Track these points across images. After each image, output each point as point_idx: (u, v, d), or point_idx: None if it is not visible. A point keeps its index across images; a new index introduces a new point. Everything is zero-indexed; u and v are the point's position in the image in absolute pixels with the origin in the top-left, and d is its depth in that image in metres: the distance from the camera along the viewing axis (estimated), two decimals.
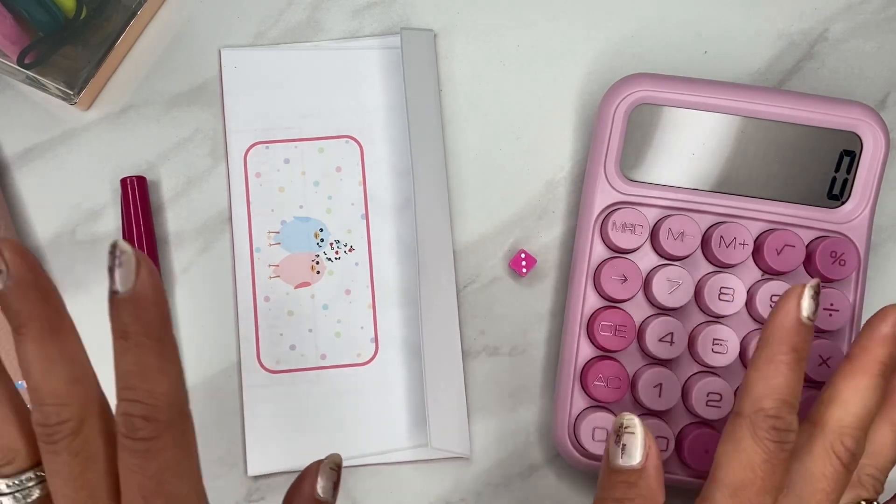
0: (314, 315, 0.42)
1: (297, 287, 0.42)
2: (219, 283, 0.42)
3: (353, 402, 0.41)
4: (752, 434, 0.28)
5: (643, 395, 0.38)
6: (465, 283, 0.42)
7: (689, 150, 0.39)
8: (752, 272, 0.39)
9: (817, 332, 0.39)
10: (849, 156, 0.39)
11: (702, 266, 0.39)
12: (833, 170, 0.39)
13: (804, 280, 0.39)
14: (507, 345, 0.42)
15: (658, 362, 0.39)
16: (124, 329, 0.24)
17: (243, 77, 0.43)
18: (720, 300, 0.38)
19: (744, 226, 0.39)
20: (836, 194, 0.39)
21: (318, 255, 0.42)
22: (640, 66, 0.43)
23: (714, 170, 0.39)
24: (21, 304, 0.24)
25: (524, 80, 0.43)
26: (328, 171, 0.43)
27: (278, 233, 0.42)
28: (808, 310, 0.29)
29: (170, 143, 0.43)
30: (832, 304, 0.38)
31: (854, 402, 0.29)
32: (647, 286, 0.39)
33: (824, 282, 0.39)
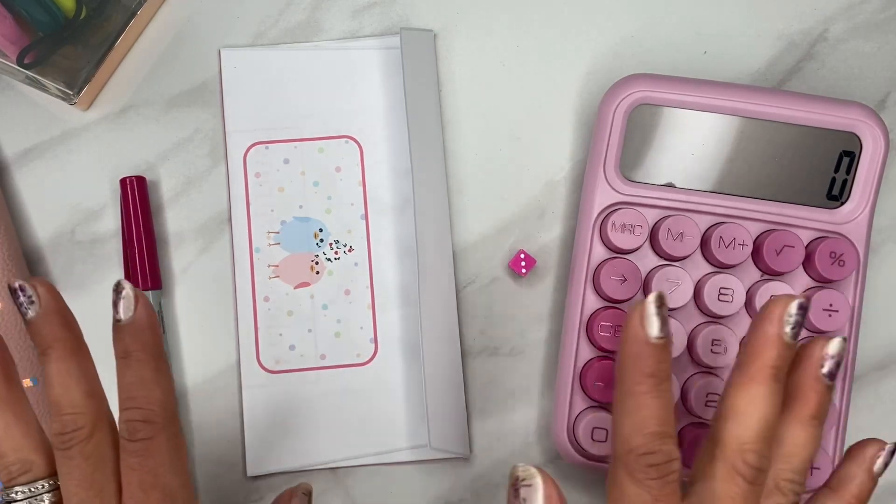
0: (314, 315, 0.42)
1: (296, 287, 0.42)
2: (218, 283, 0.42)
3: (352, 402, 0.41)
4: (631, 478, 0.27)
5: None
6: (465, 284, 0.42)
7: (689, 150, 0.39)
8: (752, 273, 0.39)
9: (816, 333, 0.39)
10: (848, 156, 0.39)
11: (701, 266, 0.39)
12: (832, 170, 0.39)
13: (804, 280, 0.39)
14: (506, 345, 0.42)
15: None
16: (126, 349, 0.29)
17: (243, 77, 0.43)
18: (719, 301, 0.38)
19: (743, 226, 0.39)
20: (836, 195, 0.39)
21: (317, 256, 0.42)
22: (640, 66, 0.43)
23: (713, 170, 0.39)
24: (48, 330, 0.29)
25: (524, 80, 0.43)
26: (328, 171, 0.43)
27: (278, 233, 0.42)
28: (654, 329, 0.27)
29: (170, 143, 0.43)
30: (832, 305, 0.38)
31: (750, 414, 0.27)
32: (646, 287, 0.39)
33: (824, 282, 0.39)
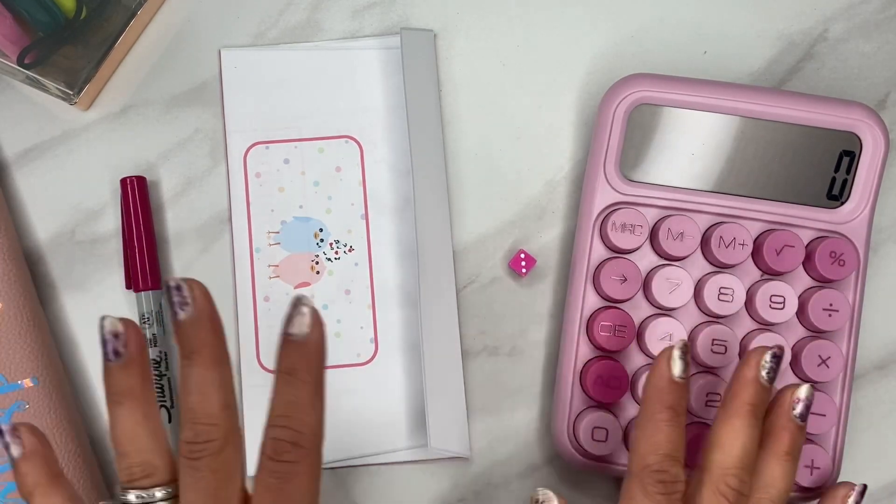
0: None
1: (296, 287, 0.42)
2: (219, 283, 0.42)
3: (352, 402, 0.41)
4: (643, 490, 0.31)
5: (643, 395, 0.38)
6: (465, 283, 0.42)
7: (689, 150, 0.39)
8: (752, 272, 0.39)
9: (818, 333, 0.39)
10: (848, 156, 0.39)
11: (701, 266, 0.39)
12: (833, 170, 0.39)
13: (804, 280, 0.39)
14: (506, 345, 0.42)
15: None
16: (292, 366, 0.28)
17: (243, 77, 0.43)
18: (720, 300, 0.38)
19: (743, 226, 0.39)
20: (836, 194, 0.39)
21: (317, 256, 0.42)
22: (640, 66, 0.43)
23: (714, 170, 0.39)
24: (198, 333, 0.28)
25: (524, 80, 0.43)
26: (328, 171, 0.43)
27: (278, 233, 0.42)
28: (678, 370, 0.32)
29: (170, 143, 0.43)
30: (832, 305, 0.38)
31: (731, 443, 0.32)
32: (646, 286, 0.39)
33: (824, 282, 0.39)
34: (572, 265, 0.40)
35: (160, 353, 0.41)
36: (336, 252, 0.42)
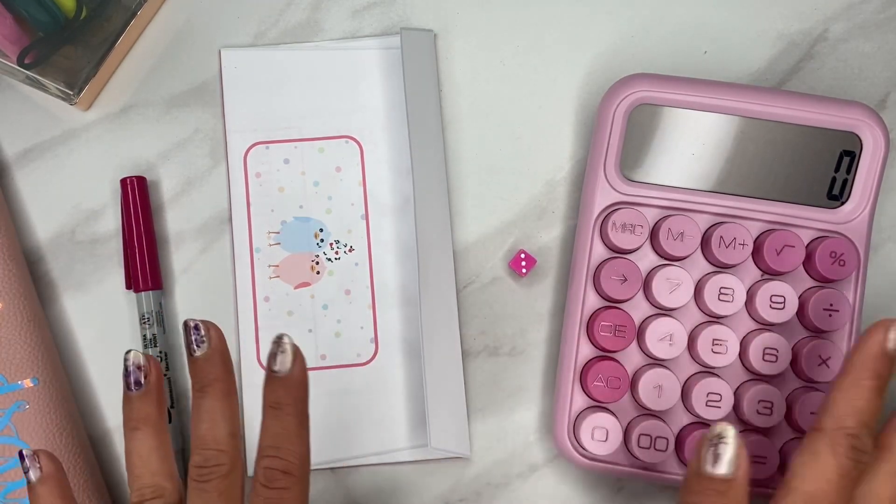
0: (314, 315, 0.42)
1: (296, 287, 0.42)
2: (219, 283, 0.42)
3: (352, 402, 0.41)
4: (832, 449, 0.29)
5: (643, 395, 0.38)
6: (465, 283, 0.42)
7: (689, 150, 0.39)
8: (752, 272, 0.39)
9: (818, 333, 0.39)
10: (849, 156, 0.39)
11: (701, 266, 0.39)
12: (833, 170, 0.39)
13: (804, 280, 0.39)
14: (507, 345, 0.42)
15: (658, 362, 0.39)
16: (278, 401, 0.31)
17: (243, 77, 0.43)
18: (720, 300, 0.38)
19: (743, 226, 0.39)
20: (836, 194, 0.39)
21: (317, 256, 0.42)
22: (640, 66, 0.43)
23: (714, 170, 0.39)
24: (211, 370, 0.31)
25: (524, 80, 0.43)
26: (328, 171, 0.43)
27: (278, 233, 0.42)
28: (894, 342, 0.31)
29: (170, 143, 0.43)
30: (832, 305, 0.38)
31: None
32: (646, 286, 0.39)
33: (824, 282, 0.39)
34: (572, 265, 0.40)
35: (160, 352, 0.41)
36: (336, 252, 0.42)
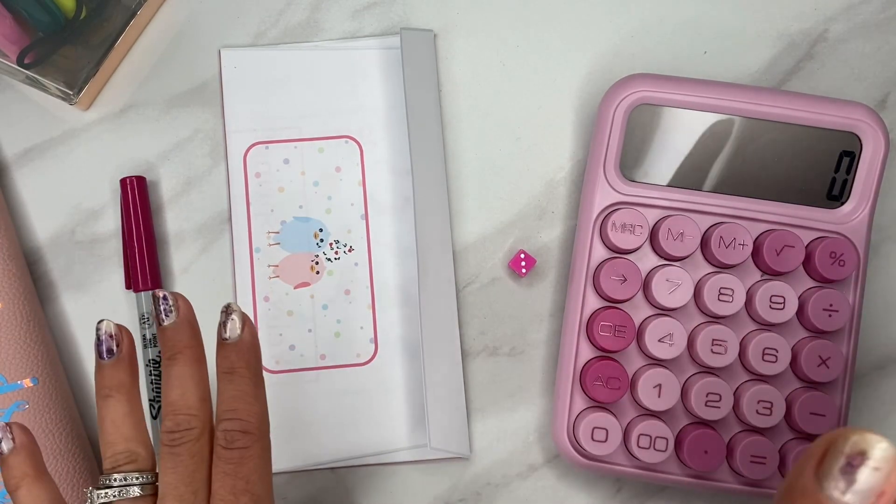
0: (314, 315, 0.42)
1: (296, 287, 0.42)
2: (218, 283, 0.42)
3: (352, 402, 0.41)
4: None
5: (643, 395, 0.38)
6: (465, 283, 0.42)
7: (689, 150, 0.39)
8: (752, 273, 0.39)
9: (818, 333, 0.39)
10: (848, 156, 0.39)
11: (701, 266, 0.39)
12: (833, 170, 0.39)
13: (804, 280, 0.39)
14: (506, 345, 0.42)
15: (657, 363, 0.39)
16: (231, 366, 0.31)
17: (243, 77, 0.43)
18: (720, 301, 0.38)
19: (743, 226, 0.39)
20: (836, 195, 0.39)
21: (317, 256, 0.42)
22: (640, 66, 0.43)
23: (714, 170, 0.39)
24: (180, 337, 0.32)
25: (524, 80, 0.43)
26: (328, 171, 0.43)
27: (278, 233, 0.42)
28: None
29: (170, 143, 0.43)
30: (832, 305, 0.38)
31: None
32: (646, 287, 0.39)
33: (824, 282, 0.39)
34: (572, 265, 0.40)
35: (160, 353, 0.41)
36: (336, 252, 0.42)
